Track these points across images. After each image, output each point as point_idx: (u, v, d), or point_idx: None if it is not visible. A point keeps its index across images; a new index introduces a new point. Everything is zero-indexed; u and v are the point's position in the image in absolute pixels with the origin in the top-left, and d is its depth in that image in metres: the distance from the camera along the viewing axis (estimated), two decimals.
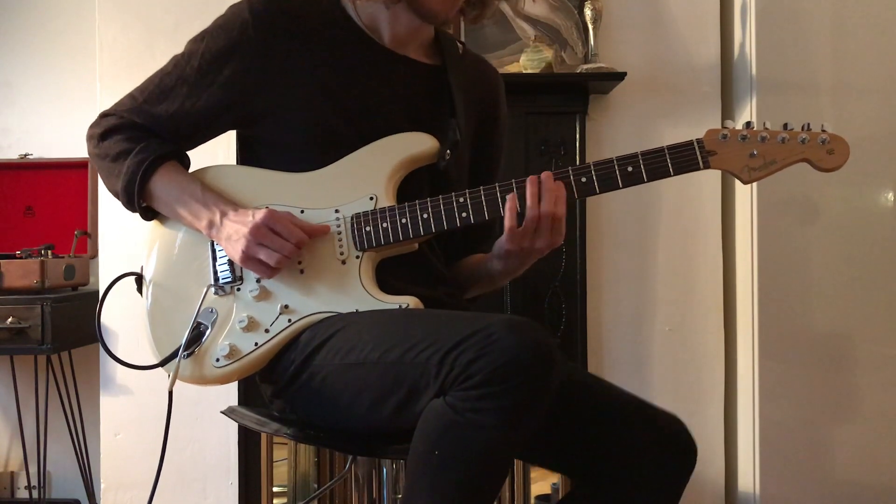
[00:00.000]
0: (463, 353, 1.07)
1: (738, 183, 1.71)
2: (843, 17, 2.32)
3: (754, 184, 2.30)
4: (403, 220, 1.32)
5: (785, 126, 1.27)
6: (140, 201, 1.38)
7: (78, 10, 2.88)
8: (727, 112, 2.49)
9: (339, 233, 1.34)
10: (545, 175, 1.29)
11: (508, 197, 1.29)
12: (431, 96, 1.44)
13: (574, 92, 2.44)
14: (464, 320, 1.14)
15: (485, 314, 1.18)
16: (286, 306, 1.33)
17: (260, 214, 1.29)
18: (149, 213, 1.42)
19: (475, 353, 1.06)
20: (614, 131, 2.50)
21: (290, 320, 1.32)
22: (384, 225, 1.32)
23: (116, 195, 1.40)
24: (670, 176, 1.27)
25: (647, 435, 1.27)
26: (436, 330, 1.14)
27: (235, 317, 1.34)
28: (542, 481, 2.32)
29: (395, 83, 1.42)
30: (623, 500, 1.27)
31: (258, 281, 1.35)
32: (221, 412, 1.55)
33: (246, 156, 1.46)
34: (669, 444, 1.27)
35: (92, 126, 1.43)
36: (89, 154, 1.44)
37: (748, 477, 2.36)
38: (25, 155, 2.83)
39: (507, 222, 1.30)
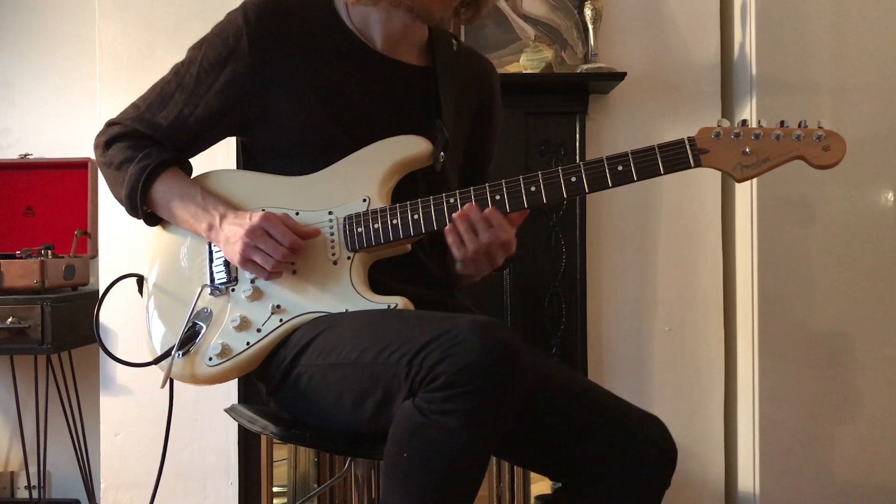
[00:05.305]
0: (429, 354, 1.07)
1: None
2: (843, 17, 2.32)
3: (754, 184, 2.29)
4: (394, 221, 1.32)
5: (781, 123, 1.25)
6: (143, 207, 1.40)
7: (78, 10, 2.88)
8: (727, 112, 2.48)
9: (332, 234, 1.36)
10: (467, 208, 1.29)
11: (447, 231, 1.30)
12: (420, 99, 1.45)
13: (574, 92, 2.44)
14: (435, 321, 1.14)
15: (456, 315, 1.18)
16: (278, 306, 1.34)
17: (257, 217, 1.31)
18: (152, 220, 1.44)
19: (440, 354, 1.06)
20: (614, 131, 2.50)
21: (281, 320, 1.33)
22: (375, 226, 1.33)
23: (121, 202, 1.43)
24: (660, 174, 1.26)
25: (625, 435, 1.27)
26: (407, 331, 1.15)
27: (229, 316, 1.36)
28: (542, 481, 2.31)
29: (386, 87, 1.42)
30: (601, 501, 1.27)
31: (252, 281, 1.37)
32: (225, 410, 1.57)
33: (245, 160, 1.50)
34: (648, 445, 1.26)
35: (98, 135, 1.46)
36: (97, 162, 1.47)
37: (748, 477, 2.35)
38: (25, 155, 2.83)
39: (455, 254, 1.32)
